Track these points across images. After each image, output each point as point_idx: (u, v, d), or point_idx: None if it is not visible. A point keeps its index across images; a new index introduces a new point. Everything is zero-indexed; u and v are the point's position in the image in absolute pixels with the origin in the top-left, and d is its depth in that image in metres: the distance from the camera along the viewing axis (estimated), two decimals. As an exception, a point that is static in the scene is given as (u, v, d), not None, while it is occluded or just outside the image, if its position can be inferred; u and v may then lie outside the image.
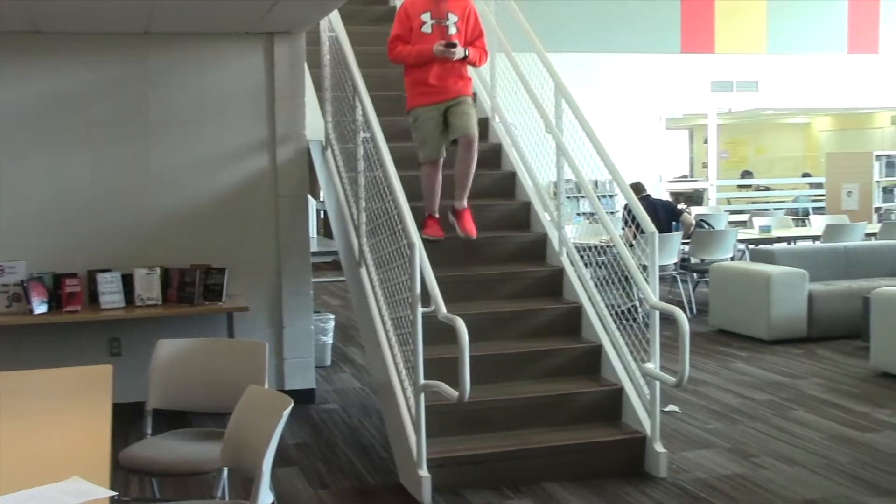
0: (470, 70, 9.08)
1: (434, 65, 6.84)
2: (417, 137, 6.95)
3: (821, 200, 19.36)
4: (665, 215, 11.31)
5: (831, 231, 12.98)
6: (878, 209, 17.12)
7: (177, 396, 4.80)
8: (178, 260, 7.26)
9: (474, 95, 7.42)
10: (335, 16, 7.31)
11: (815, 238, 13.44)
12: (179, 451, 4.53)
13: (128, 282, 7.03)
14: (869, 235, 13.22)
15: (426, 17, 6.91)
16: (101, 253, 7.27)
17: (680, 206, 13.49)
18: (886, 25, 18.71)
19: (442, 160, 6.96)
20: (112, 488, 3.10)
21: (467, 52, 6.90)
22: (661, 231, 7.09)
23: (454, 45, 6.77)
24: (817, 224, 14.70)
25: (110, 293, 6.98)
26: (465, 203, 6.96)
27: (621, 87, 16.69)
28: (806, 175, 23.21)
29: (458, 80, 6.95)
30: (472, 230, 6.91)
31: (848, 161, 18.02)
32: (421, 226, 6.62)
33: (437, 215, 6.97)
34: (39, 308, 6.79)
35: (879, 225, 14.44)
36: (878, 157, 17.48)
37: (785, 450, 6.36)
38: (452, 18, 6.95)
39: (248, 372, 4.60)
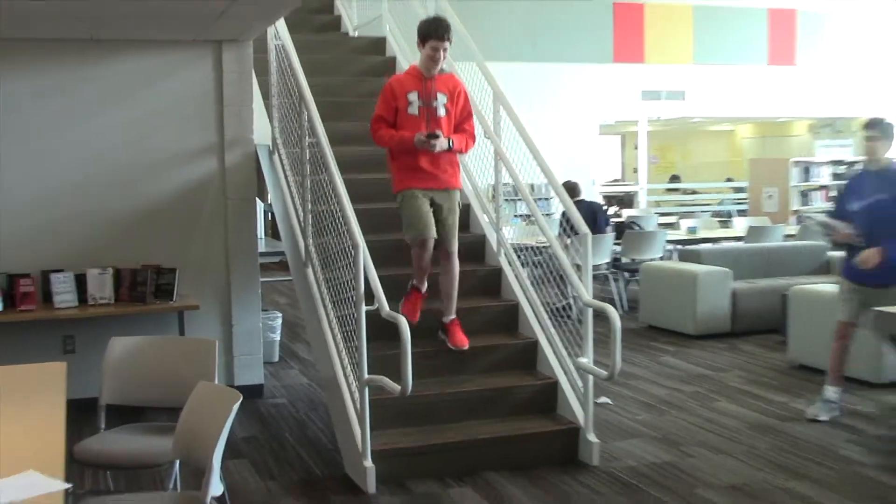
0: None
1: (421, 150, 6.13)
2: (406, 217, 6.21)
3: (743, 203, 19.61)
4: (600, 217, 11.41)
5: (753, 232, 13.15)
6: (795, 212, 17.37)
7: (129, 392, 4.77)
8: (130, 260, 7.20)
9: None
10: (281, 24, 7.28)
11: (738, 239, 13.59)
12: (132, 444, 4.51)
13: (81, 281, 6.98)
14: (788, 237, 13.40)
15: (413, 97, 6.19)
16: (55, 253, 7.19)
17: (611, 209, 13.63)
18: (803, 39, 19.00)
19: (432, 241, 6.20)
20: (67, 481, 3.08)
21: (452, 143, 6.17)
22: (594, 232, 7.13)
23: (436, 136, 6.05)
24: (740, 226, 14.91)
25: (64, 293, 6.93)
26: (452, 314, 6.36)
27: (557, 95, 16.78)
28: (729, 179, 23.50)
29: (448, 168, 6.26)
30: (463, 342, 6.29)
31: (768, 167, 18.27)
32: (404, 294, 6.33)
33: (422, 290, 6.34)
34: (-7, 307, 6.71)
35: (797, 227, 14.65)
36: (796, 163, 17.75)
37: (710, 438, 6.44)
38: (441, 99, 6.23)
39: (198, 368, 4.59)
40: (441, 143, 6.08)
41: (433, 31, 6.18)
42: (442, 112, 6.22)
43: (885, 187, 6.56)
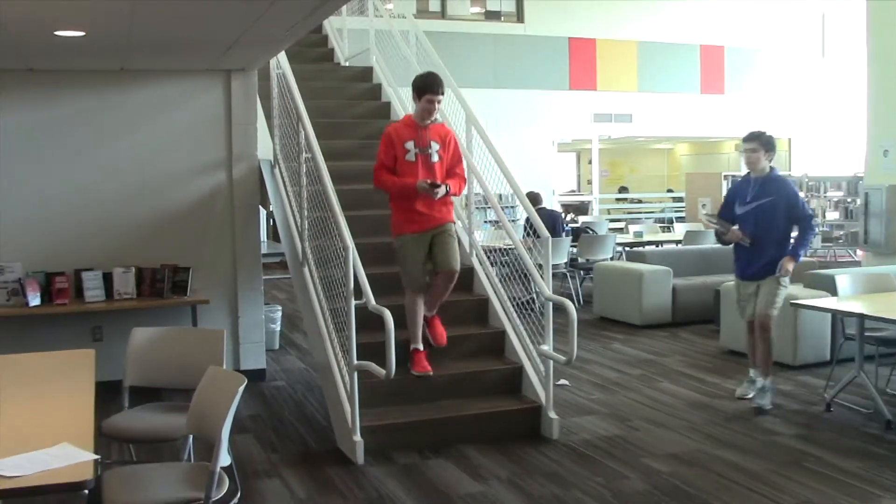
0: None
1: (419, 193, 5.96)
2: (403, 265, 6.11)
3: (681, 211, 19.71)
4: (557, 224, 11.43)
5: (690, 236, 13.21)
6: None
7: (149, 375, 4.74)
8: (150, 260, 7.17)
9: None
10: (282, 56, 7.28)
11: (677, 242, 13.66)
12: (152, 421, 4.50)
13: (108, 279, 6.97)
14: (720, 240, 13.44)
15: (410, 145, 6.01)
16: (86, 255, 7.16)
17: (569, 216, 13.65)
18: (730, 71, 19.13)
19: (424, 290, 6.14)
20: (95, 453, 3.07)
21: (448, 188, 6.00)
22: (554, 237, 7.15)
23: (438, 186, 5.90)
24: (679, 230, 14.96)
25: (93, 289, 6.91)
26: (433, 311, 6.28)
27: (521, 118, 16.84)
28: (670, 190, 23.59)
29: (441, 208, 6.09)
30: (442, 338, 6.26)
31: (702, 180, 18.39)
32: (407, 360, 6.05)
33: (421, 347, 6.14)
34: (33, 301, 6.69)
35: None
36: (726, 177, 17.86)
37: (653, 414, 6.46)
38: (434, 146, 6.06)
39: (209, 355, 4.56)
40: (441, 191, 5.92)
41: (429, 87, 6.02)
42: (436, 158, 6.07)
43: (766, 193, 6.50)
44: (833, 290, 7.12)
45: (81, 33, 5.56)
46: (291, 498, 4.97)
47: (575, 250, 11.95)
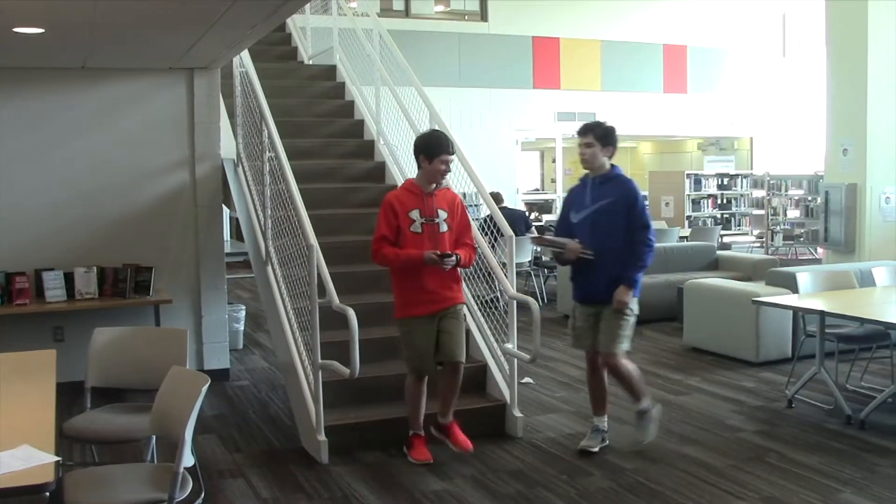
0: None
1: (427, 268, 5.30)
2: (406, 348, 5.47)
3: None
4: (520, 223, 11.46)
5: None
6: (688, 217, 17.63)
7: (112, 376, 4.72)
8: (113, 260, 7.14)
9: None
10: (245, 54, 7.25)
11: (640, 240, 13.69)
12: (114, 422, 4.47)
13: (69, 279, 6.93)
14: (682, 238, 13.57)
15: (415, 214, 5.32)
16: (47, 254, 7.10)
17: (532, 215, 13.70)
18: (693, 71, 19.29)
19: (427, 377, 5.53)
20: (56, 454, 3.05)
21: (459, 258, 5.34)
22: (517, 235, 7.17)
23: (449, 257, 5.26)
24: (642, 229, 15.02)
25: (54, 288, 6.87)
26: (450, 417, 5.58)
27: (485, 116, 16.87)
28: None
29: (453, 285, 5.45)
30: (467, 444, 5.49)
31: (665, 178, 18.54)
32: (406, 445, 5.58)
33: (422, 433, 5.56)
34: (-8, 301, 6.64)
35: (690, 229, 14.86)
36: (688, 176, 18.03)
37: (616, 411, 6.48)
38: (442, 215, 5.38)
39: (171, 354, 4.54)
40: (451, 262, 5.29)
41: (443, 146, 5.36)
42: (444, 228, 5.39)
43: (605, 195, 5.48)
44: (794, 288, 7.22)
45: (41, 30, 5.50)
46: (256, 498, 4.96)
47: (538, 249, 11.99)
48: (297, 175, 6.25)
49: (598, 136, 5.47)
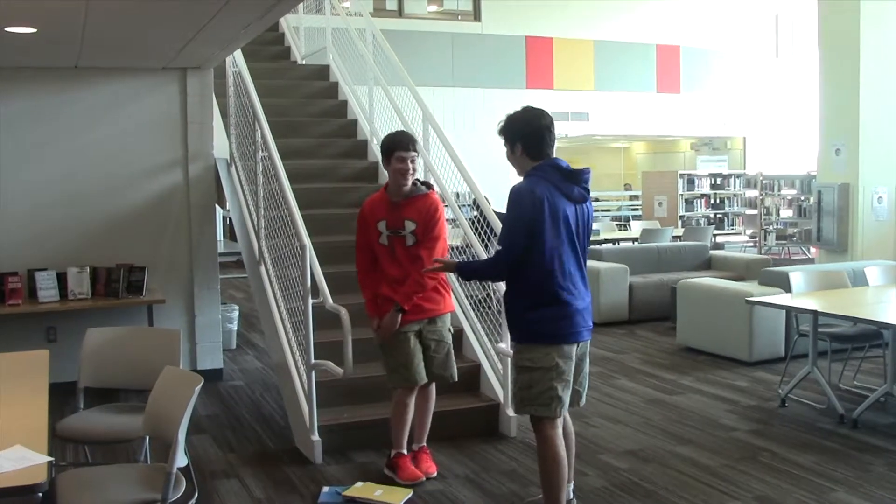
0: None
1: (395, 281, 5.02)
2: (388, 357, 5.09)
3: (638, 209, 19.88)
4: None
5: (646, 234, 13.33)
6: (682, 216, 17.64)
7: (105, 376, 4.71)
8: (106, 260, 7.12)
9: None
10: (238, 54, 7.24)
11: (634, 240, 13.76)
12: (107, 422, 4.46)
13: (62, 279, 6.90)
14: (675, 237, 13.59)
15: (382, 226, 5.04)
16: (39, 254, 7.08)
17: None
18: (686, 71, 19.32)
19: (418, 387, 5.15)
20: (49, 455, 3.05)
21: (402, 312, 4.95)
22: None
23: (402, 311, 4.95)
24: (636, 228, 15.08)
25: (47, 289, 6.84)
26: (423, 442, 5.33)
27: (478, 116, 16.85)
28: (627, 185, 23.78)
29: (435, 296, 5.12)
30: (432, 468, 5.22)
31: (658, 178, 18.54)
32: (391, 467, 5.20)
33: (405, 452, 5.19)
34: (-16, 302, 6.62)
35: (683, 229, 14.88)
36: (682, 176, 18.04)
37: (611, 411, 6.51)
38: (409, 227, 5.00)
39: (164, 355, 4.53)
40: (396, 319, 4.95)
41: (397, 143, 5.05)
42: (410, 241, 5.02)
43: None
44: (787, 287, 7.23)
45: (33, 30, 5.49)
46: (249, 498, 4.95)
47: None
48: (290, 175, 6.25)
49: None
